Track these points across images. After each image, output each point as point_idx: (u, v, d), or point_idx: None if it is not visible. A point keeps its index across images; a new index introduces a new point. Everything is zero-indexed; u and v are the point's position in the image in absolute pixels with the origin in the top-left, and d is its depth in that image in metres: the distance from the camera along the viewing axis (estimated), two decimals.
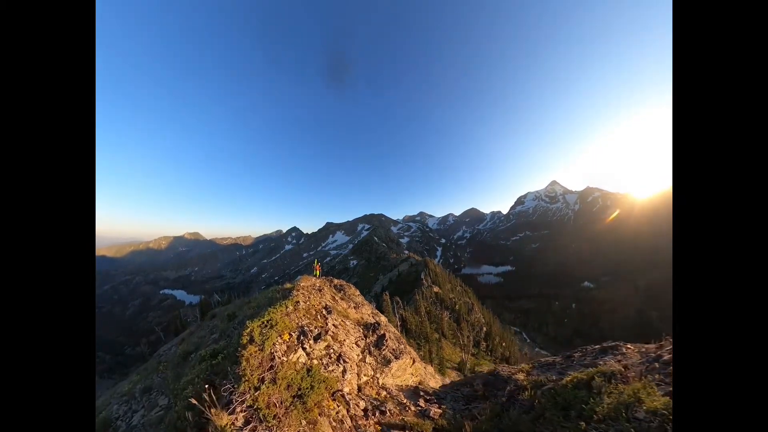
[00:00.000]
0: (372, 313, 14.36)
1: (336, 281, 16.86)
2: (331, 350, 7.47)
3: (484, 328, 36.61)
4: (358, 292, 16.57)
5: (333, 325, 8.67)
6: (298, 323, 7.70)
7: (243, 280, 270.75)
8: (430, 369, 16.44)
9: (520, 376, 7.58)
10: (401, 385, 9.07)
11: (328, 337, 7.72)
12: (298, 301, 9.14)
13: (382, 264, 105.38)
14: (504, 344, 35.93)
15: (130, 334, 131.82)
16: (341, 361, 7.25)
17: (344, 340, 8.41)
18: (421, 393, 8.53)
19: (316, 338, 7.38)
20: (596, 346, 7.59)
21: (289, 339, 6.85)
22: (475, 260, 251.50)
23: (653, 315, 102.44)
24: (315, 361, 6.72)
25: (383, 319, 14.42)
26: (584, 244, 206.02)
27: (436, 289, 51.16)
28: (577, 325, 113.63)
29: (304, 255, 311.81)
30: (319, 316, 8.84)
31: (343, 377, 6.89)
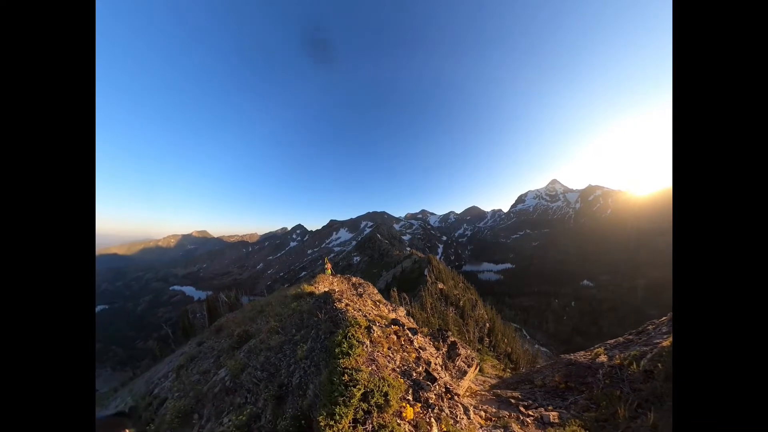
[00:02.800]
0: (405, 315, 12.55)
1: (354, 279, 15.60)
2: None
3: (488, 325, 36.63)
4: (376, 291, 15.04)
5: (420, 348, 6.28)
6: (393, 368, 5.00)
7: (249, 276, 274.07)
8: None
9: (604, 359, 7.55)
10: (475, 395, 7.72)
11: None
12: (370, 327, 5.98)
13: (386, 261, 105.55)
14: (506, 340, 35.96)
15: (142, 328, 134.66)
16: (454, 396, 5.02)
17: (435, 365, 6.02)
18: (511, 400, 7.27)
19: (431, 379, 4.99)
20: (664, 318, 8.44)
21: (413, 413, 4.08)
22: (475, 258, 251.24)
23: (653, 314, 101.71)
24: (442, 420, 4.33)
25: (401, 314, 12.51)
26: (584, 242, 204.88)
27: (440, 285, 51.06)
28: (576, 323, 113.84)
29: (309, 252, 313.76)
30: (403, 341, 6.14)
31: (468, 418, 4.75)
